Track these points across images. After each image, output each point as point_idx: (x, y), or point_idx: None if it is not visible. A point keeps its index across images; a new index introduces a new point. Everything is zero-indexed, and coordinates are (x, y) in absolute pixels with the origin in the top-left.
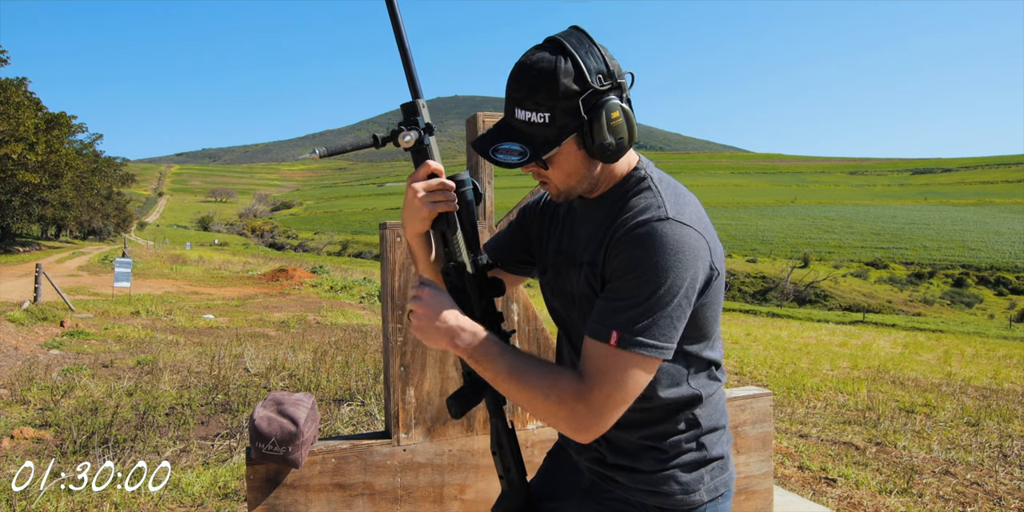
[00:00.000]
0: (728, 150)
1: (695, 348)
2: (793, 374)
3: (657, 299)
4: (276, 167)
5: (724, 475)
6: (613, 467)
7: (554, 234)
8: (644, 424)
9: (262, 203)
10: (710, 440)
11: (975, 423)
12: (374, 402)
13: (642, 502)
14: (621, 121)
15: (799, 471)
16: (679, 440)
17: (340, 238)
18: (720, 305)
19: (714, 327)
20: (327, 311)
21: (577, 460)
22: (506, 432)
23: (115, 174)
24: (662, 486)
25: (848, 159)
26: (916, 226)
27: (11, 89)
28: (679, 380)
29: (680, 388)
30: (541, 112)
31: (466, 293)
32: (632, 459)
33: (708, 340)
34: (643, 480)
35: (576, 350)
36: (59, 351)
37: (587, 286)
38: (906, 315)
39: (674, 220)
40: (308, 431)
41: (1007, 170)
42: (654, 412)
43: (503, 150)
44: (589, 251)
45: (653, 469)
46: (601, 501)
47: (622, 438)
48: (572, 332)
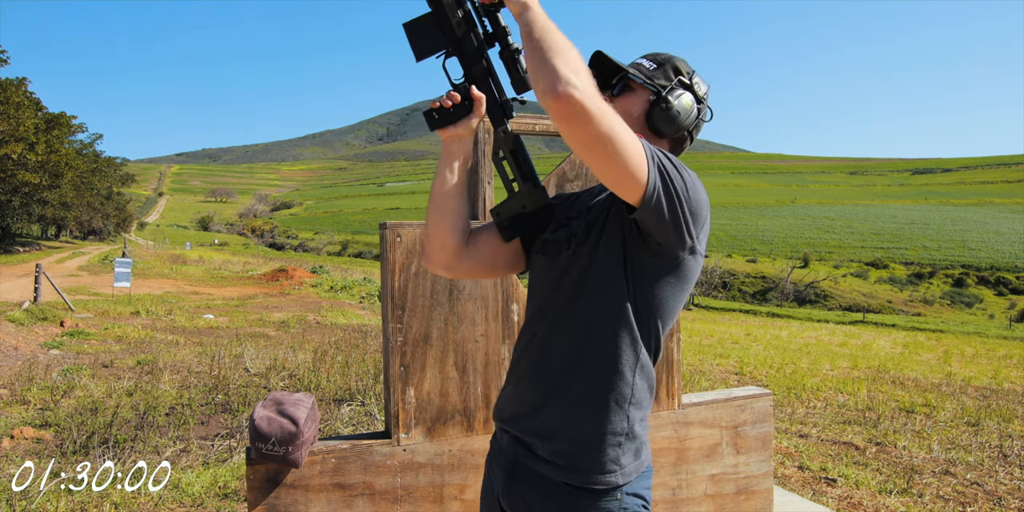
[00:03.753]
0: (728, 150)
1: (648, 330)
2: (793, 374)
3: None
4: (276, 167)
5: (638, 461)
6: (538, 434)
7: (566, 205)
8: (579, 397)
9: (262, 203)
10: (632, 421)
11: (975, 423)
12: (374, 402)
13: (558, 479)
14: (688, 111)
15: (799, 471)
16: (607, 417)
17: (340, 238)
18: (687, 293)
19: (673, 314)
20: (327, 311)
21: (502, 436)
22: (513, 138)
23: (115, 174)
24: (579, 462)
25: (848, 159)
26: (916, 226)
27: (11, 89)
28: (627, 357)
29: (624, 365)
30: (653, 63)
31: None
32: (557, 428)
33: (665, 324)
34: (562, 453)
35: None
36: (59, 351)
37: (603, 211)
38: (906, 315)
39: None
40: (308, 431)
41: (1007, 170)
42: (592, 385)
43: (633, 63)
44: (577, 209)
45: (576, 441)
46: (520, 480)
47: (558, 404)
48: (569, 271)
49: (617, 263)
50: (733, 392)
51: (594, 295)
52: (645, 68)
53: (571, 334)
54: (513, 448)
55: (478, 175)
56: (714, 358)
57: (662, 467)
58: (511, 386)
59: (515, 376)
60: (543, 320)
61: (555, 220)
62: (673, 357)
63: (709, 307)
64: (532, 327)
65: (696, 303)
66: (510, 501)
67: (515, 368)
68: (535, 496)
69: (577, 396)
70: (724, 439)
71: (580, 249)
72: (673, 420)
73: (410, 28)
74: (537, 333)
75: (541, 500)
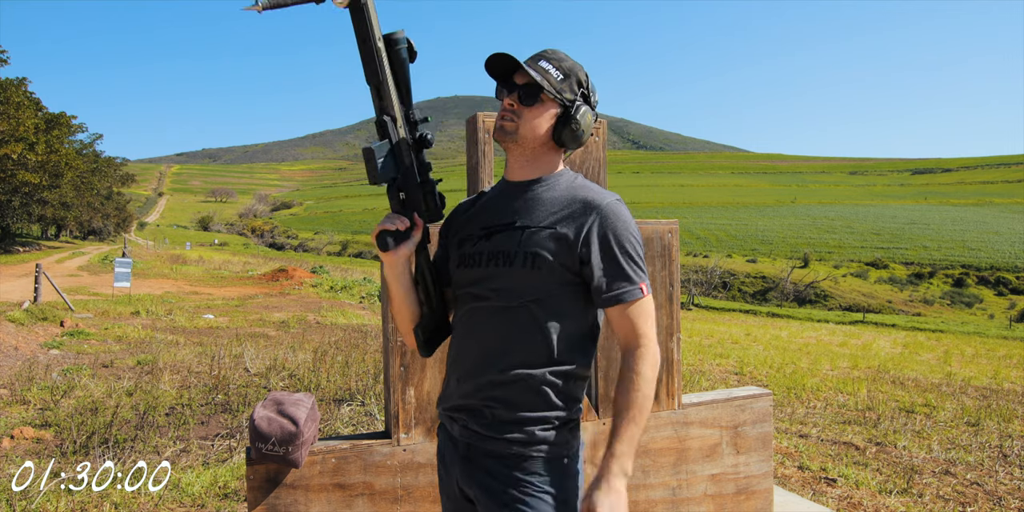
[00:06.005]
0: (728, 150)
1: (597, 320)
2: (793, 374)
3: (639, 255)
4: (276, 167)
5: (576, 440)
6: (497, 421)
7: (478, 217)
8: (532, 388)
9: (262, 203)
10: (574, 404)
11: (975, 423)
12: (374, 402)
13: (513, 452)
14: (589, 127)
15: (799, 471)
16: (557, 399)
17: (340, 238)
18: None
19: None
20: (327, 311)
21: (451, 426)
22: (428, 266)
23: (115, 174)
24: (533, 437)
25: (848, 159)
26: (916, 226)
27: (11, 89)
28: (581, 346)
29: (575, 352)
30: (560, 72)
31: (398, 146)
32: (516, 411)
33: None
34: (519, 430)
35: (499, 293)
36: (59, 351)
37: (551, 241)
38: (906, 315)
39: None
40: (308, 431)
41: (1007, 170)
42: (546, 371)
43: (538, 67)
44: (551, 219)
45: (532, 421)
46: (476, 462)
47: (518, 387)
48: (498, 282)
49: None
50: (733, 392)
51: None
52: (553, 78)
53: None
54: (464, 439)
55: (478, 175)
56: (714, 358)
57: (662, 467)
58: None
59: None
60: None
61: (466, 231)
62: (673, 357)
63: (709, 307)
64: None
65: (696, 303)
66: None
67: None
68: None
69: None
70: (724, 439)
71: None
72: (673, 420)
73: (368, 153)
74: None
75: None
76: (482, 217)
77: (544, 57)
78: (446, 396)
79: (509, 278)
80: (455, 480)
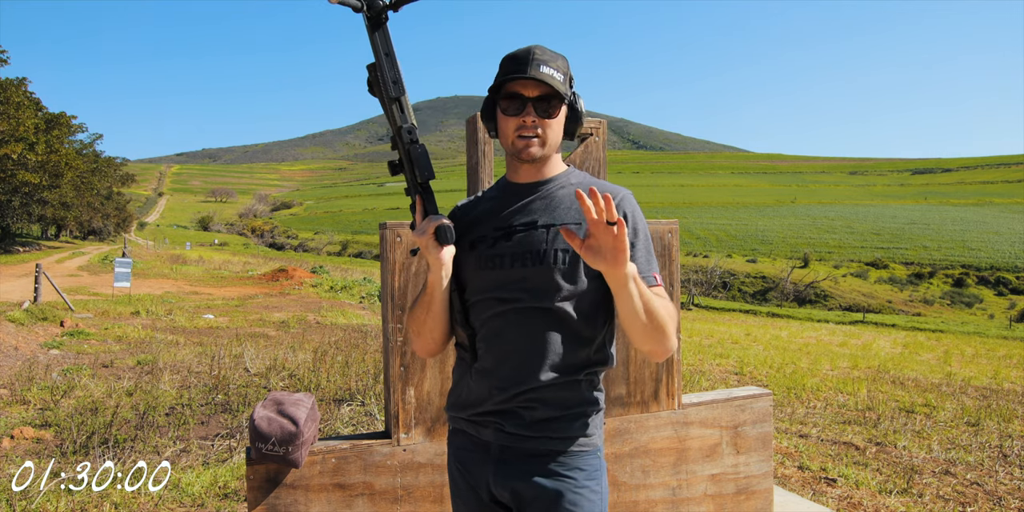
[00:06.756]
0: (728, 150)
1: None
2: (793, 374)
3: (652, 247)
4: (276, 167)
5: (601, 429)
6: (535, 421)
7: (488, 218)
8: (570, 386)
9: (262, 203)
10: (601, 395)
11: (975, 423)
12: (374, 402)
13: (553, 449)
14: (583, 110)
15: (799, 471)
16: (590, 393)
17: (340, 238)
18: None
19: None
20: (327, 311)
21: (478, 430)
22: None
23: (115, 174)
24: (570, 432)
25: (848, 159)
26: (916, 226)
27: (11, 89)
28: (608, 340)
29: (606, 347)
30: (560, 74)
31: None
32: (554, 409)
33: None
34: (558, 428)
35: (532, 294)
36: (59, 351)
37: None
38: (906, 315)
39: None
40: (308, 431)
41: (1007, 170)
42: (583, 369)
43: (547, 75)
44: (576, 215)
45: (570, 417)
46: (514, 464)
47: (556, 387)
48: (530, 281)
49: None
50: (733, 392)
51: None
52: (559, 82)
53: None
54: (498, 442)
55: (478, 175)
56: (714, 358)
57: (662, 467)
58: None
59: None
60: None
61: (479, 233)
62: (673, 357)
63: (709, 307)
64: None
65: (696, 303)
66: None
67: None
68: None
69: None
70: (724, 439)
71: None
72: (673, 420)
73: (422, 149)
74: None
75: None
76: (493, 218)
77: (541, 62)
78: (473, 402)
79: (541, 277)
80: (485, 484)
